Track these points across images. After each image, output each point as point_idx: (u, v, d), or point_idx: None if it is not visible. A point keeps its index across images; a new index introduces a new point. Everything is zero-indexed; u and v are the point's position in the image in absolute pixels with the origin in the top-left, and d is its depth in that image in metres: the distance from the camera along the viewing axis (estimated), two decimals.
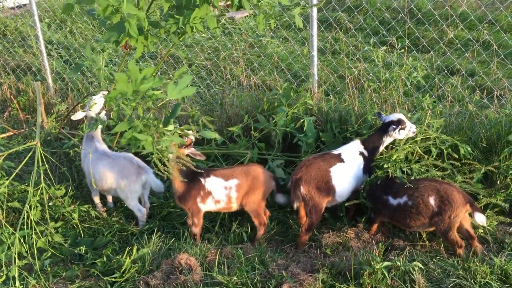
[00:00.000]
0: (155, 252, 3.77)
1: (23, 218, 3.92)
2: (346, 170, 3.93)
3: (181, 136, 3.67)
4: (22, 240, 3.87)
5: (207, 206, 3.96)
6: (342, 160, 3.94)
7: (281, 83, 5.77)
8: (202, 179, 3.92)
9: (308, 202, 3.85)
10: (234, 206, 4.01)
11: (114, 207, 4.61)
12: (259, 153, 4.66)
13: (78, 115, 4.40)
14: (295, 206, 3.94)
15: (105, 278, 3.52)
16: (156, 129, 3.23)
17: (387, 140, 4.04)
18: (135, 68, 3.07)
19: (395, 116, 4.00)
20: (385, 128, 3.99)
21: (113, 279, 3.52)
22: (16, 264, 3.63)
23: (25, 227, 3.93)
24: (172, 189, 3.97)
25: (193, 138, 3.88)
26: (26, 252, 3.84)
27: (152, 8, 4.18)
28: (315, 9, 4.96)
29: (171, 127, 3.36)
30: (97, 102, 4.37)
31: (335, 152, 4.03)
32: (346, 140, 4.38)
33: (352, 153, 4.00)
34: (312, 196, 3.84)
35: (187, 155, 3.87)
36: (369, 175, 4.01)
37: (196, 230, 3.97)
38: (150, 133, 3.24)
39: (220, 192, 3.93)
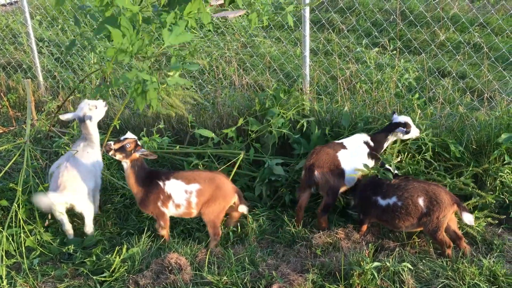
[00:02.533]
0: (145, 251, 3.75)
1: (11, 216, 3.88)
2: (350, 155, 4.13)
3: (120, 143, 3.69)
4: (10, 239, 3.83)
5: (170, 210, 3.86)
6: (345, 147, 4.18)
7: (273, 83, 5.78)
8: (161, 183, 3.81)
9: (324, 184, 4.03)
10: (194, 212, 3.89)
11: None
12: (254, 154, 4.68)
13: (66, 116, 4.24)
14: (309, 193, 4.11)
15: (94, 277, 3.50)
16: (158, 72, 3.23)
17: (391, 139, 4.30)
18: (128, 23, 3.07)
19: (403, 119, 4.25)
20: (393, 128, 4.24)
21: (103, 279, 3.50)
22: (4, 263, 3.60)
23: (13, 225, 3.89)
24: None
25: (135, 137, 3.77)
26: (15, 251, 3.81)
27: (144, 4, 4.17)
28: (307, 10, 4.97)
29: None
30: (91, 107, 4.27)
31: (338, 141, 4.28)
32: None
33: (355, 142, 4.24)
34: (327, 179, 4.02)
35: (140, 156, 3.77)
36: (375, 162, 4.23)
37: (163, 232, 3.91)
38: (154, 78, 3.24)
39: (180, 196, 3.82)
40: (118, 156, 3.72)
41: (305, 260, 3.63)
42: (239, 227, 4.09)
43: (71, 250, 3.84)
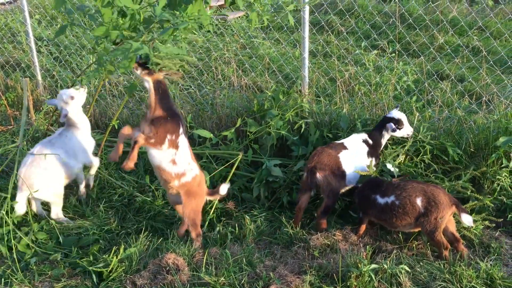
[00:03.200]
0: (143, 251, 3.75)
1: (1, 217, 3.87)
2: (351, 155, 4.14)
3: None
4: (5, 241, 3.83)
5: (167, 153, 3.60)
6: (346, 148, 4.18)
7: (272, 85, 5.78)
8: (181, 127, 3.60)
9: (326, 187, 4.02)
10: (176, 185, 3.71)
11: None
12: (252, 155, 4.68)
13: (51, 102, 4.40)
14: (309, 195, 4.11)
15: (91, 268, 3.49)
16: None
17: (386, 136, 4.29)
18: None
19: (397, 115, 4.23)
20: (385, 123, 4.24)
21: (99, 269, 3.50)
22: None
23: (3, 226, 3.88)
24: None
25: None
26: (10, 251, 3.79)
27: (144, 4, 4.17)
28: (307, 11, 4.98)
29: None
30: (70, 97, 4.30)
31: (338, 142, 4.28)
32: None
33: (354, 141, 4.24)
34: (329, 181, 4.01)
35: (164, 78, 3.56)
36: (375, 160, 4.25)
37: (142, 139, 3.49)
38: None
39: (183, 162, 3.67)
40: (140, 71, 3.49)
41: (303, 262, 3.63)
42: (237, 228, 4.09)
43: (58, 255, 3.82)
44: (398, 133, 4.24)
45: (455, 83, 5.71)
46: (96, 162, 4.50)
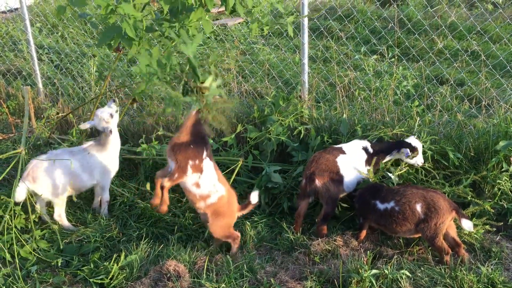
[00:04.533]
0: (143, 258, 3.75)
1: (3, 226, 3.87)
2: (349, 161, 4.13)
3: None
4: (6, 248, 3.84)
5: (190, 179, 3.63)
6: (343, 152, 4.17)
7: (272, 91, 5.80)
8: (205, 151, 3.61)
9: (325, 193, 4.02)
10: (202, 207, 3.78)
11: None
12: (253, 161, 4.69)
13: (85, 126, 4.32)
14: (308, 201, 4.10)
15: (91, 280, 3.49)
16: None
17: (395, 156, 4.26)
18: (132, 31, 3.18)
19: (414, 143, 4.19)
20: (399, 146, 4.20)
21: (100, 281, 3.50)
22: (1, 272, 3.58)
23: (4, 234, 3.88)
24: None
25: None
26: (12, 258, 3.80)
27: (146, 11, 4.20)
28: (306, 18, 5.00)
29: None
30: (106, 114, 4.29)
31: (337, 146, 4.28)
32: None
33: (353, 147, 4.23)
34: (327, 188, 4.02)
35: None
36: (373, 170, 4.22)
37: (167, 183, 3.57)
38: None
39: (207, 184, 3.68)
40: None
41: (304, 268, 3.63)
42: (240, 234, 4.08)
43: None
44: (410, 161, 4.21)
45: (455, 87, 5.72)
46: (106, 198, 4.47)
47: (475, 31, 7.79)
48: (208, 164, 3.67)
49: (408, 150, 4.15)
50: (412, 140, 4.22)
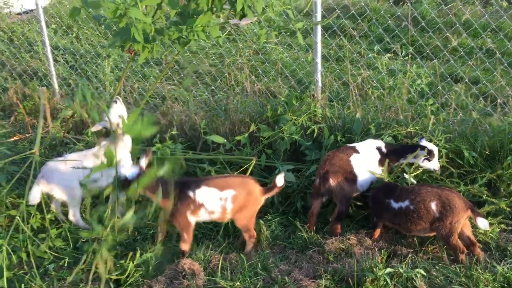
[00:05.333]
0: (159, 256, 3.79)
1: (13, 228, 3.92)
2: (363, 160, 4.12)
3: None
4: (19, 248, 3.90)
5: (202, 217, 3.82)
6: (357, 151, 4.15)
7: (285, 90, 5.80)
8: (191, 192, 3.76)
9: (339, 192, 4.02)
10: (228, 217, 3.88)
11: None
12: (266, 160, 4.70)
13: (97, 127, 4.37)
14: (322, 201, 4.10)
15: (109, 277, 3.52)
16: None
17: (410, 159, 4.17)
18: (140, 35, 3.37)
19: (430, 146, 4.12)
20: (414, 148, 4.12)
21: (116, 277, 3.54)
22: (5, 275, 3.63)
23: (20, 233, 3.95)
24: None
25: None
26: (28, 257, 3.86)
27: (158, 15, 4.23)
28: (319, 16, 4.99)
29: None
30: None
31: (350, 145, 4.26)
32: None
33: (367, 146, 4.21)
34: (341, 187, 4.02)
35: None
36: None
37: (185, 247, 3.83)
38: None
39: (215, 203, 3.78)
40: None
41: (318, 266, 3.64)
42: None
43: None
44: (426, 164, 4.12)
45: (470, 85, 5.67)
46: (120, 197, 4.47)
47: (490, 28, 7.70)
48: (201, 193, 3.74)
49: (423, 152, 4.05)
50: (428, 144, 4.12)
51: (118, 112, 4.35)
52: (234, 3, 3.80)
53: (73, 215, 4.30)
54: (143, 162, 3.70)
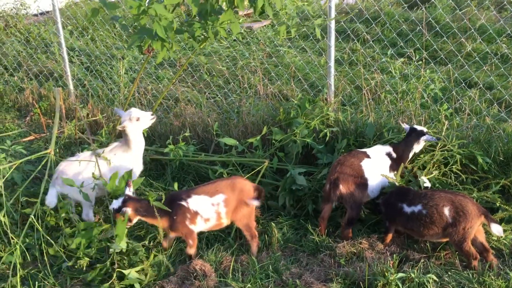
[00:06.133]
0: (171, 257, 3.81)
1: (27, 227, 3.96)
2: (374, 165, 4.12)
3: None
4: (32, 247, 3.95)
5: (199, 226, 3.85)
6: (368, 156, 4.15)
7: (298, 93, 5.81)
8: (183, 202, 3.78)
9: (349, 198, 4.01)
10: (225, 222, 3.91)
11: None
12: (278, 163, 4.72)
13: (120, 126, 4.39)
14: (332, 206, 4.09)
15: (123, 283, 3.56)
16: None
17: (416, 149, 4.26)
18: (163, 32, 3.40)
19: (421, 127, 4.27)
20: (418, 136, 4.21)
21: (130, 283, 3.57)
22: (19, 273, 3.67)
23: (35, 232, 3.99)
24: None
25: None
26: (41, 256, 3.91)
27: (176, 13, 4.28)
28: (333, 20, 5.00)
29: None
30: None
31: (361, 150, 4.26)
32: None
33: (378, 152, 4.22)
34: (352, 193, 4.01)
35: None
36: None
37: (192, 251, 3.85)
38: None
39: (208, 210, 3.80)
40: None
41: (329, 270, 3.64)
42: (265, 236, 4.11)
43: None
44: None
45: (484, 91, 5.64)
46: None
47: (505, 34, 7.65)
48: (193, 201, 3.77)
49: (429, 136, 4.19)
50: (418, 127, 4.27)
51: (137, 115, 4.35)
52: (254, 0, 3.81)
53: (87, 214, 4.35)
54: (128, 191, 3.75)
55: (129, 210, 3.60)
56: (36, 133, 6.43)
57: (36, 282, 3.66)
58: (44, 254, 3.88)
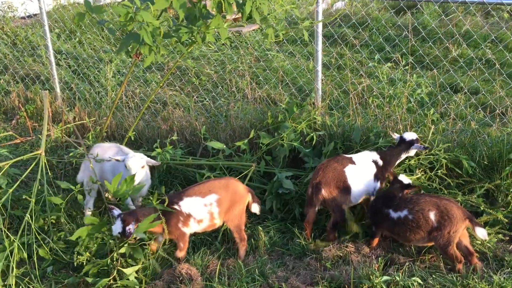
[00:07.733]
0: (157, 261, 3.80)
1: (23, 226, 3.94)
2: (358, 172, 4.10)
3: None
4: (22, 248, 3.90)
5: (192, 228, 3.85)
6: (353, 162, 4.13)
7: (286, 97, 5.84)
8: (175, 205, 3.78)
9: (331, 202, 4.02)
10: (218, 223, 3.91)
11: None
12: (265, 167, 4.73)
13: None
14: (316, 209, 4.07)
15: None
16: None
17: (404, 156, 4.27)
18: (150, 38, 3.46)
19: (413, 135, 4.25)
20: (408, 146, 4.21)
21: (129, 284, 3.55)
22: (14, 273, 3.63)
23: (25, 234, 3.94)
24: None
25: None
26: (28, 259, 3.87)
27: (163, 18, 4.28)
28: (320, 25, 5.04)
29: None
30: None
31: (347, 155, 4.24)
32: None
33: (364, 159, 4.19)
34: (334, 197, 4.01)
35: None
36: (380, 184, 4.18)
37: (181, 254, 3.86)
38: None
39: (201, 211, 3.81)
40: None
41: (315, 273, 3.65)
42: (253, 240, 4.11)
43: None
44: (413, 151, 4.27)
45: (469, 95, 5.71)
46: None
47: (490, 39, 7.76)
48: (185, 203, 3.77)
49: (418, 144, 4.19)
50: (410, 135, 4.25)
51: (142, 164, 4.23)
52: (242, 5, 3.84)
53: (87, 201, 4.46)
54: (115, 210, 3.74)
55: (132, 228, 3.55)
56: (22, 136, 6.37)
57: (21, 286, 3.62)
58: (33, 256, 3.82)
